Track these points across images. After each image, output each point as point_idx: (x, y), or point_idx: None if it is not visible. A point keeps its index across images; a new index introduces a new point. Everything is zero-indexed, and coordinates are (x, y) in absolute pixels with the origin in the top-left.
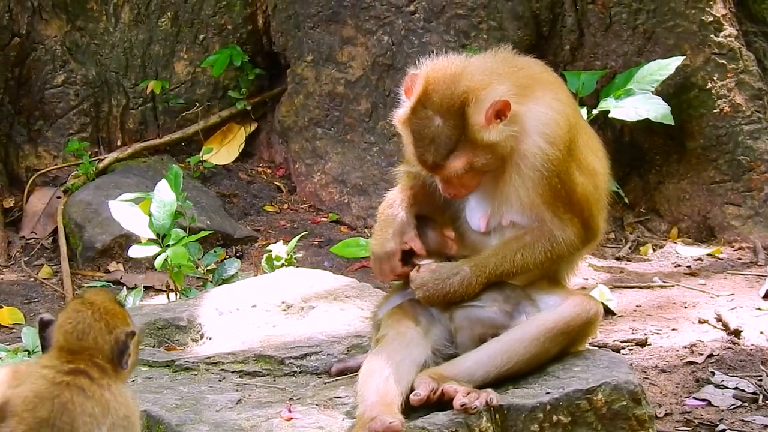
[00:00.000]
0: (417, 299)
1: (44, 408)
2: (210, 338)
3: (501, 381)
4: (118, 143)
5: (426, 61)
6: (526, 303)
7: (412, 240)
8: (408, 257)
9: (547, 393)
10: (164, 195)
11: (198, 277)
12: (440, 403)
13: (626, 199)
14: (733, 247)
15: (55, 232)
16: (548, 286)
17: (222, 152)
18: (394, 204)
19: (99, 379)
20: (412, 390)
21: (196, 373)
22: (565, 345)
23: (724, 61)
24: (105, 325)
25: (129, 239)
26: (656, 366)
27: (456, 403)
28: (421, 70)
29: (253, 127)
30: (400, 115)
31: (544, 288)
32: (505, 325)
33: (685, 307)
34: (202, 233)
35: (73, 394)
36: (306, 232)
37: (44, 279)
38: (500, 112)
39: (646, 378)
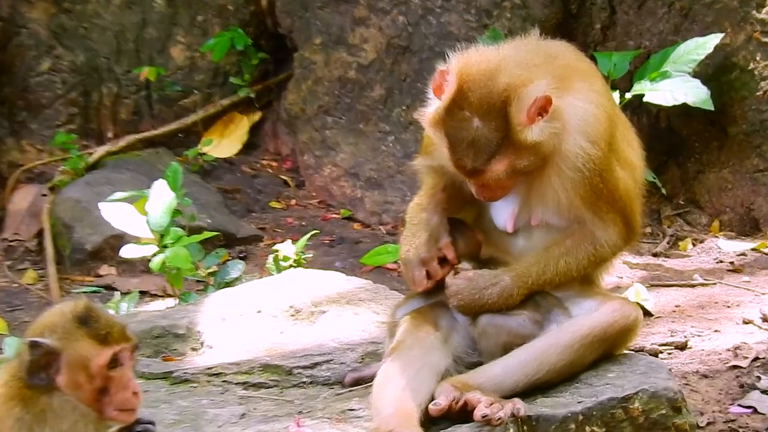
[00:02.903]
0: (436, 302)
1: None
2: (211, 347)
3: (531, 390)
4: (110, 135)
5: (454, 55)
6: (557, 311)
7: (448, 248)
8: (440, 264)
9: (580, 402)
10: (162, 192)
11: (198, 281)
12: (464, 413)
13: (663, 190)
14: None
15: (40, 233)
16: (581, 288)
17: (223, 144)
18: (428, 207)
19: (36, 390)
20: (432, 400)
21: (196, 385)
22: (601, 353)
23: (767, 40)
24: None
25: (122, 240)
26: (697, 371)
27: (477, 414)
28: (450, 65)
29: (257, 116)
30: (430, 116)
31: (576, 290)
32: (533, 335)
33: (728, 307)
34: (205, 234)
35: (4, 399)
36: (316, 230)
37: (29, 284)
38: (542, 109)
39: (687, 384)
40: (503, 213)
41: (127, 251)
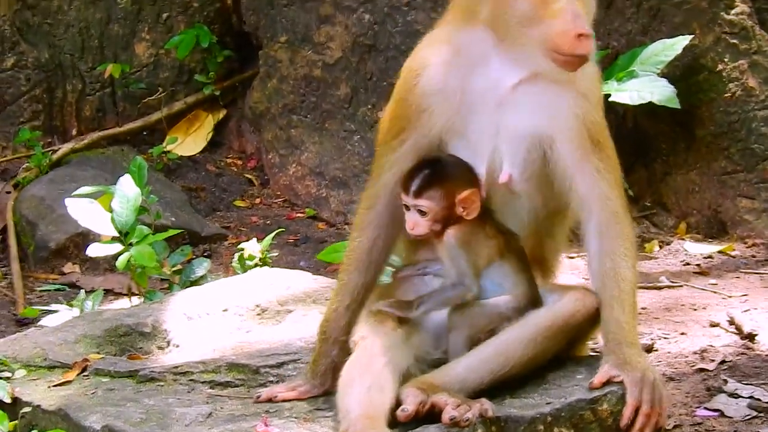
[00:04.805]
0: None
1: None
2: (177, 346)
3: (496, 386)
4: (74, 132)
5: None
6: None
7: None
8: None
9: (548, 403)
10: (127, 189)
11: (163, 279)
12: (431, 415)
13: (630, 192)
14: (746, 243)
15: (4, 230)
16: (542, 280)
17: (188, 142)
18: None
19: None
20: (396, 397)
21: (162, 384)
22: (566, 344)
23: (735, 41)
24: None
25: (86, 238)
26: (664, 373)
27: (445, 417)
28: None
29: (222, 114)
30: None
31: (540, 282)
32: (509, 318)
33: (695, 309)
34: (170, 231)
35: None
36: (281, 229)
37: None
38: None
39: None
40: None
41: (94, 250)
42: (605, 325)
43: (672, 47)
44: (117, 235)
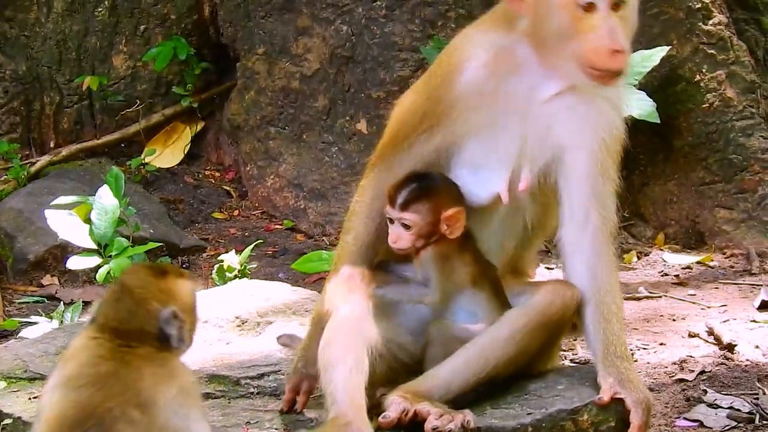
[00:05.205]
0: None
1: None
2: None
3: (480, 394)
4: (52, 145)
5: None
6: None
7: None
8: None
9: (529, 414)
10: (106, 200)
11: None
12: (413, 423)
13: None
14: (724, 253)
15: None
16: (516, 281)
17: (166, 154)
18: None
19: None
20: (379, 405)
21: None
22: (546, 338)
23: (713, 52)
24: None
25: (65, 250)
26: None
27: (427, 426)
28: None
29: (200, 126)
30: None
31: (513, 286)
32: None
33: (674, 320)
34: (150, 245)
35: None
36: (260, 241)
37: None
38: None
39: None
40: (492, 181)
41: (74, 263)
42: (604, 338)
43: (650, 58)
44: (95, 247)
